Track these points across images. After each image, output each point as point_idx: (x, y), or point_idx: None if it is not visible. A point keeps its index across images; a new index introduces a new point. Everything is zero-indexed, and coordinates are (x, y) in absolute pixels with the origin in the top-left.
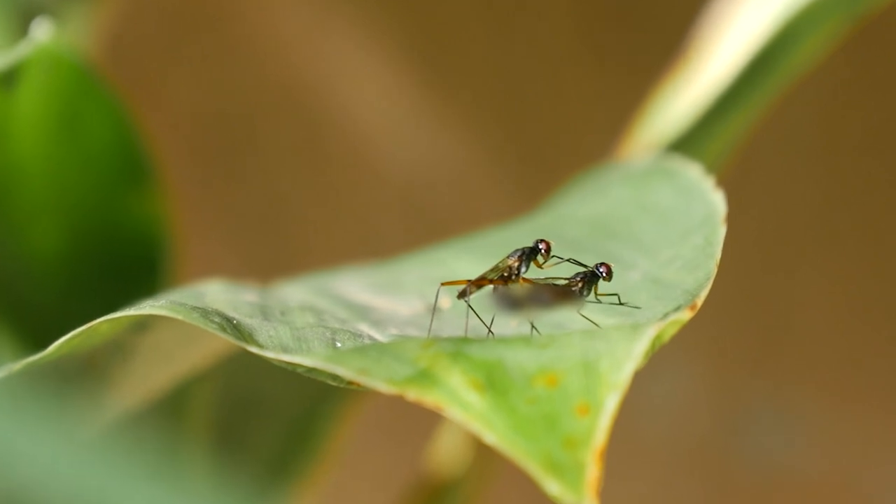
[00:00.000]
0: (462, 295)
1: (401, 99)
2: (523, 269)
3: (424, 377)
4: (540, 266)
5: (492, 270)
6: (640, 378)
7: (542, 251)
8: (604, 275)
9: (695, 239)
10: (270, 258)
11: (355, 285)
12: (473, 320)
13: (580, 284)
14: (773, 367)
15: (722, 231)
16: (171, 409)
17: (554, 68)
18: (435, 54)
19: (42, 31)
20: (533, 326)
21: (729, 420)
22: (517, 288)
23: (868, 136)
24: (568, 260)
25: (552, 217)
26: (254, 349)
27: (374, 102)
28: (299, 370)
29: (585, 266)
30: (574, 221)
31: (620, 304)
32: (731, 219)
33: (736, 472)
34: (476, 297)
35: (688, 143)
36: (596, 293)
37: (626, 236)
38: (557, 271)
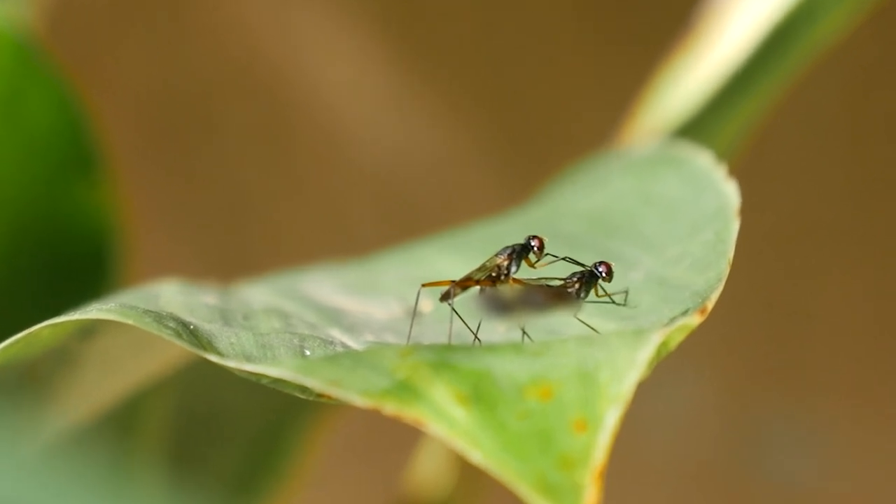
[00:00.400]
0: (445, 297)
1: (376, 78)
2: (513, 269)
3: (403, 389)
4: (532, 265)
5: (478, 270)
6: (643, 389)
7: (535, 248)
8: (603, 275)
9: (705, 235)
10: (232, 256)
11: (326, 286)
12: (458, 325)
13: (577, 285)
14: (791, 378)
15: (735, 226)
16: (121, 424)
17: (548, 44)
18: (414, 28)
19: None
20: (524, 332)
21: (742, 436)
22: (507, 289)
23: None
24: (563, 258)
25: (546, 210)
26: (213, 358)
27: (346, 82)
28: (264, 381)
29: (583, 265)
30: (570, 215)
31: (621, 304)
32: (746, 212)
33: (750, 494)
34: (461, 300)
35: (697, 127)
36: (597, 294)
37: (629, 232)
38: (552, 271)
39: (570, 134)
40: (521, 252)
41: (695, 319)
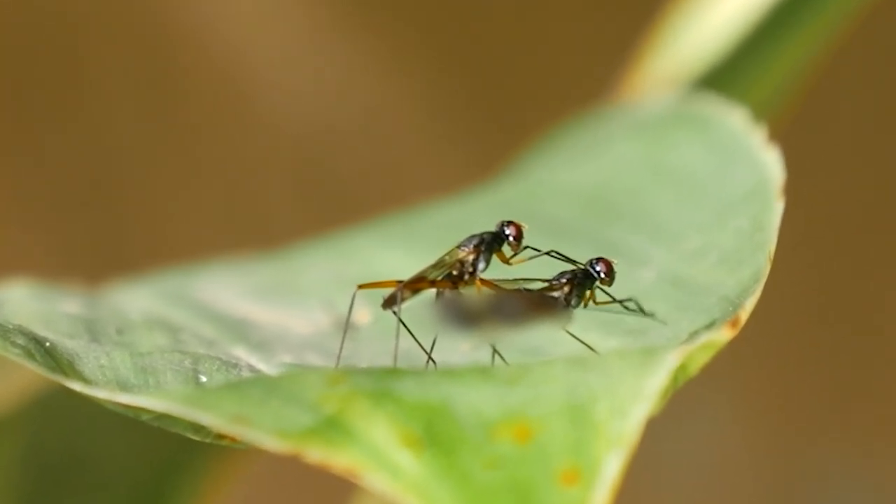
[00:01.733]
0: (389, 303)
1: (294, 8)
2: (481, 266)
3: (332, 428)
4: (506, 261)
5: (434, 267)
6: (655, 428)
7: (510, 239)
8: (601, 275)
9: (737, 221)
10: (102, 249)
11: (229, 290)
12: (406, 342)
13: (567, 289)
14: (850, 413)
15: (777, 209)
16: None
17: None
18: None
19: None
20: (495, 351)
21: (784, 488)
22: (472, 294)
23: None
24: (548, 253)
25: (524, 188)
26: (76, 386)
27: (254, 17)
28: (144, 417)
29: (574, 262)
30: (557, 194)
31: (628, 309)
32: (792, 191)
33: None
34: (410, 308)
35: (727, 75)
36: (593, 300)
37: (635, 216)
38: (532, 269)
39: (556, 84)
40: (490, 243)
41: (724, 334)
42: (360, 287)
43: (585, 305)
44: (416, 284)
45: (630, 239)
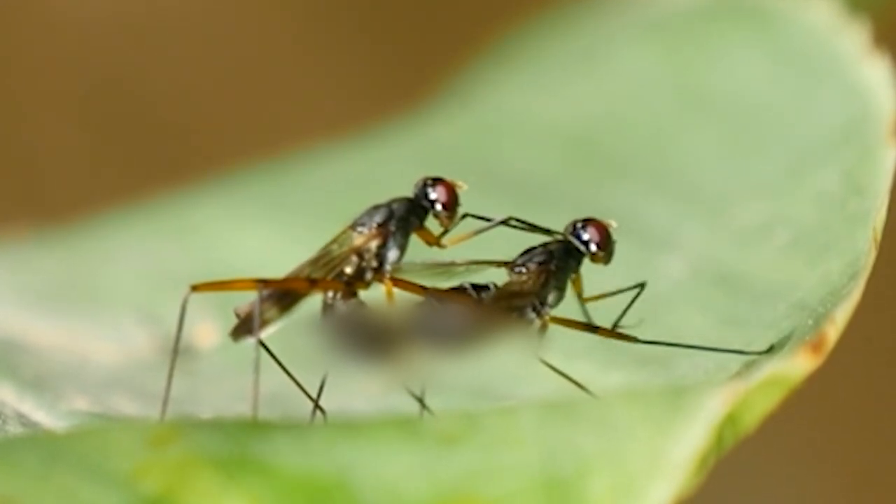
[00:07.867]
0: (243, 322)
1: None
2: (392, 255)
3: None
4: (436, 242)
5: (317, 263)
6: None
7: (437, 207)
8: (591, 247)
9: (821, 177)
10: None
11: None
12: (277, 378)
13: (540, 279)
14: None
15: (888, 158)
16: None
17: None
18: None
19: None
20: (420, 401)
21: None
22: (381, 301)
23: None
24: (505, 222)
25: (468, 123)
26: None
27: None
28: None
29: (547, 231)
30: (525, 134)
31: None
32: None
33: None
34: (284, 324)
35: None
36: (580, 296)
37: (654, 169)
38: (479, 251)
39: None
40: (405, 218)
41: (801, 364)
42: (196, 289)
43: (582, 301)
44: (289, 283)
45: (645, 206)
